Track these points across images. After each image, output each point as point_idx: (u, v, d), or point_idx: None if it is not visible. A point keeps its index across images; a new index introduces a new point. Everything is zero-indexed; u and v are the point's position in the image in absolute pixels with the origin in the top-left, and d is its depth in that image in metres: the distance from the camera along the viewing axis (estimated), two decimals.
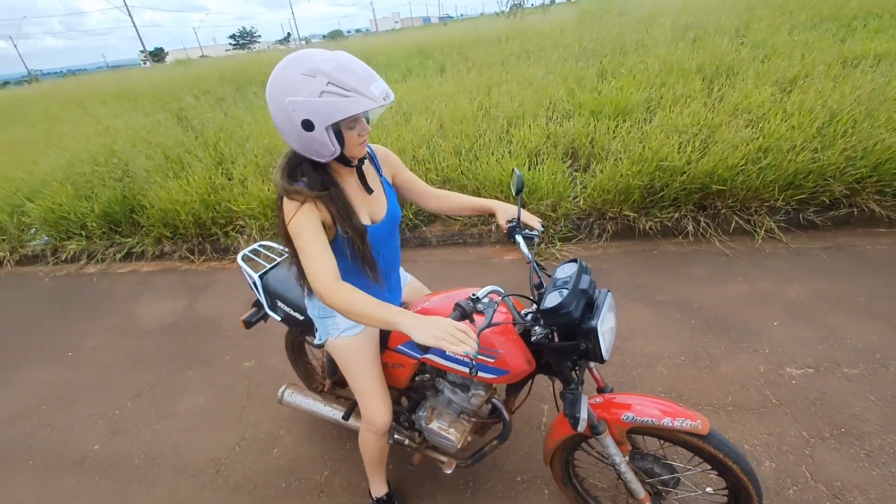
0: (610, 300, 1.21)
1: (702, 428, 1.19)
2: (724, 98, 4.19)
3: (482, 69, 6.94)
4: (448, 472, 1.62)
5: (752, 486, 1.25)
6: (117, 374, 2.80)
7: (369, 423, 1.50)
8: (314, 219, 1.19)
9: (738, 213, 3.28)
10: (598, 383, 1.38)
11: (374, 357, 1.49)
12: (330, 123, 1.09)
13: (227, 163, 4.84)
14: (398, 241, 1.51)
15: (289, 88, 1.07)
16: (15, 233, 4.75)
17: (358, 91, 1.06)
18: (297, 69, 1.07)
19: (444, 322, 1.03)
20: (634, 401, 1.28)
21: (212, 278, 3.85)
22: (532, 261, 1.34)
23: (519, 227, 1.46)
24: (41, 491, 2.08)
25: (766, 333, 2.39)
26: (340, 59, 1.08)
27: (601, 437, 1.29)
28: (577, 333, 1.15)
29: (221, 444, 2.18)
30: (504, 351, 1.27)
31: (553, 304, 1.13)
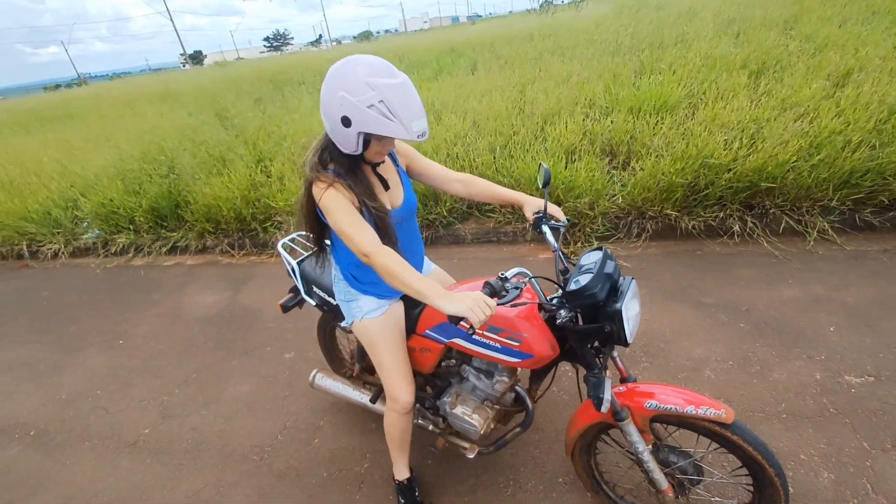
0: (634, 287, 1.23)
1: (726, 417, 1.19)
2: (771, 93, 4.00)
3: (515, 67, 6.88)
4: (470, 456, 1.66)
5: (779, 481, 1.21)
6: (165, 361, 2.92)
7: (393, 401, 1.54)
8: (345, 196, 1.26)
9: (789, 212, 3.13)
10: (621, 373, 1.39)
11: (397, 338, 1.54)
12: (364, 131, 1.17)
13: (266, 160, 4.97)
14: (416, 227, 1.59)
15: (346, 85, 1.15)
16: (69, 226, 5.03)
17: (401, 121, 1.15)
18: (363, 74, 1.15)
19: (476, 294, 1.08)
20: (658, 389, 1.28)
21: (251, 272, 3.96)
22: (557, 249, 1.40)
23: (545, 218, 1.50)
24: (99, 470, 2.20)
25: (821, 339, 2.27)
26: (401, 88, 1.16)
27: (624, 425, 1.30)
28: (602, 316, 1.18)
29: (265, 432, 2.24)
30: (529, 335, 1.29)
31: (579, 287, 1.17)
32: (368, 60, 1.17)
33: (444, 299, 1.10)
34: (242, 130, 6.12)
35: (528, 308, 1.32)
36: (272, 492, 1.94)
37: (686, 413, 1.20)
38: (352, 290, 1.53)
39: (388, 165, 1.46)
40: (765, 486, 1.24)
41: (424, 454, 1.98)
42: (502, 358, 1.34)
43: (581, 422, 1.42)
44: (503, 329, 1.31)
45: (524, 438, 1.98)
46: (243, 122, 6.51)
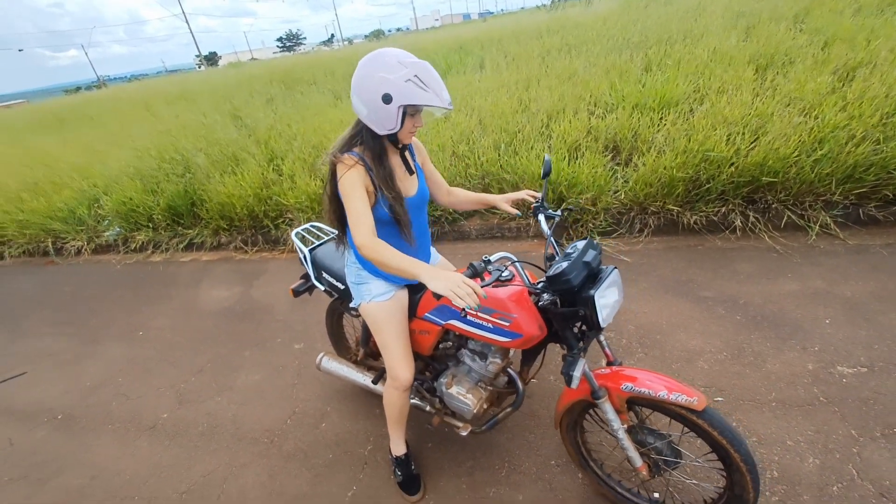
0: (615, 276, 1.32)
1: (697, 404, 1.25)
2: (776, 88, 4.00)
3: (522, 64, 6.91)
4: (464, 434, 1.76)
5: (746, 467, 1.27)
6: (182, 351, 3.07)
7: (394, 379, 1.65)
8: (360, 183, 1.40)
9: (791, 207, 3.14)
10: (607, 357, 1.47)
11: (400, 321, 1.65)
12: (405, 104, 1.31)
13: (278, 159, 5.11)
14: (426, 218, 1.70)
15: (384, 67, 1.31)
16: (92, 224, 5.24)
17: (434, 91, 1.32)
18: (394, 57, 1.31)
19: (457, 276, 1.18)
20: (638, 374, 1.35)
21: (263, 267, 4.10)
22: (549, 236, 1.50)
23: (543, 207, 1.61)
24: (120, 451, 2.34)
25: (817, 331, 2.30)
26: (426, 66, 1.33)
27: (601, 403, 1.39)
28: (577, 301, 1.28)
29: (275, 417, 2.36)
30: (518, 316, 1.38)
31: (557, 272, 1.27)
32: (393, 49, 1.34)
33: (430, 277, 1.19)
34: (255, 130, 6.27)
35: (519, 291, 1.41)
36: (281, 472, 2.05)
37: (659, 397, 1.28)
38: (363, 273, 1.64)
39: (408, 158, 1.58)
40: (733, 471, 1.31)
41: (425, 438, 2.08)
42: (494, 338, 1.43)
43: (566, 398, 1.51)
44: (495, 310, 1.39)
45: (520, 424, 2.06)
46: (255, 122, 6.67)
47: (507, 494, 1.79)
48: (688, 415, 1.28)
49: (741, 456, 1.26)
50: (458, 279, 1.16)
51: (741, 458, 1.26)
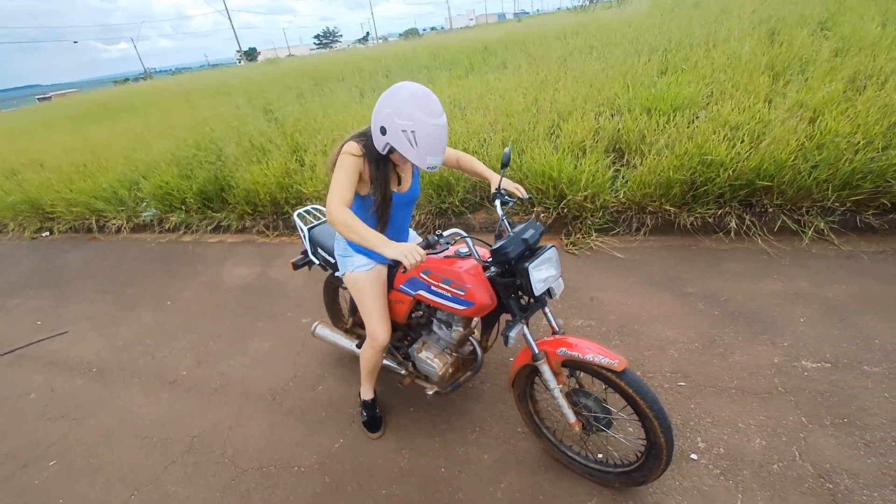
0: (551, 254, 1.52)
1: (617, 366, 1.43)
2: (786, 94, 4.01)
3: (542, 65, 7.03)
4: (430, 394, 1.98)
5: (661, 429, 1.44)
6: (203, 319, 3.39)
7: (372, 339, 1.88)
8: (353, 167, 1.57)
9: (787, 212, 3.20)
10: (552, 328, 1.66)
11: (379, 289, 1.87)
12: (391, 144, 1.50)
13: (301, 151, 5.43)
14: (410, 213, 1.91)
15: (395, 107, 1.46)
16: (131, 205, 5.70)
17: (420, 152, 1.46)
18: (411, 105, 1.44)
19: (409, 245, 1.39)
20: (574, 341, 1.53)
21: (282, 250, 4.41)
22: (503, 217, 1.72)
23: (500, 194, 1.83)
24: (145, 400, 2.65)
25: (790, 329, 2.39)
26: (433, 129, 1.44)
27: (539, 364, 1.58)
28: (515, 272, 1.48)
29: (278, 379, 2.63)
30: (472, 286, 1.58)
31: (497, 246, 1.48)
32: (423, 96, 1.46)
33: (385, 246, 1.41)
34: (283, 123, 6.63)
35: (474, 266, 1.60)
36: (280, 424, 2.31)
37: (585, 359, 1.47)
38: (349, 248, 1.87)
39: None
40: (644, 419, 1.48)
41: (407, 402, 2.30)
42: (452, 306, 1.63)
43: (517, 361, 1.71)
44: (453, 280, 1.60)
45: (494, 396, 2.25)
46: (284, 116, 7.04)
47: (473, 454, 1.98)
48: (610, 375, 1.47)
49: (647, 404, 1.43)
50: (409, 247, 1.38)
51: (647, 406, 1.43)
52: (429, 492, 1.85)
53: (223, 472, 2.09)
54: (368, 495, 1.88)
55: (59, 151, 7.88)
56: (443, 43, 13.84)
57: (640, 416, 1.50)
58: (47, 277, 4.67)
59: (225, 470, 2.10)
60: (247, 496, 1.95)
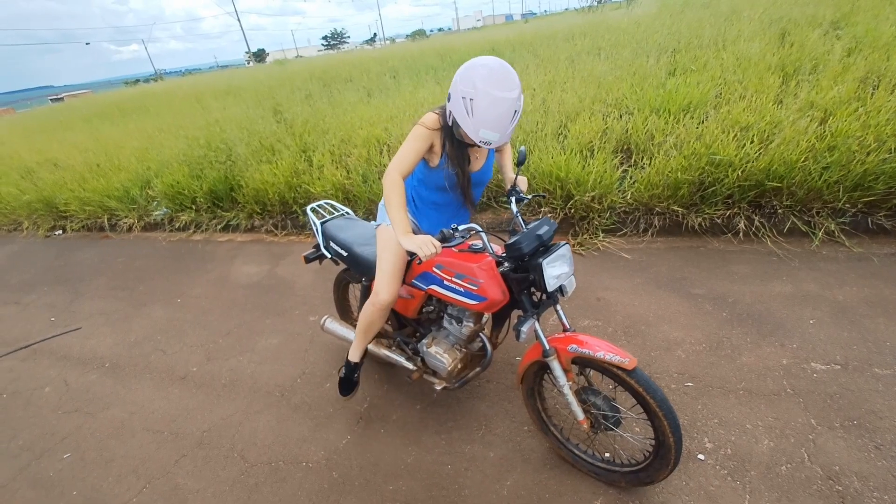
0: (565, 251, 1.53)
1: (627, 364, 1.43)
2: (797, 95, 3.98)
3: (549, 66, 7.03)
4: (438, 388, 1.98)
5: (670, 428, 1.44)
6: (213, 316, 3.43)
7: (376, 295, 1.85)
8: (424, 138, 1.59)
9: (797, 213, 3.17)
10: (563, 325, 1.66)
11: (402, 253, 1.83)
12: (451, 111, 1.51)
13: (310, 151, 5.47)
14: (479, 195, 1.90)
15: (464, 76, 1.47)
16: (143, 204, 5.78)
17: (474, 122, 1.44)
18: (480, 75, 1.42)
19: (426, 238, 1.41)
20: (585, 339, 1.53)
21: (290, 249, 4.45)
22: (517, 214, 1.73)
23: (515, 191, 1.84)
24: (156, 395, 2.70)
25: (799, 331, 2.38)
26: (496, 102, 1.41)
27: (549, 360, 1.58)
28: (529, 267, 1.49)
29: (287, 376, 2.66)
30: (484, 281, 1.59)
31: (511, 241, 1.49)
32: (497, 68, 1.43)
33: (404, 236, 1.44)
34: (292, 124, 6.69)
35: (488, 262, 1.62)
36: (288, 419, 2.34)
37: (596, 357, 1.47)
38: None
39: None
40: (653, 417, 1.48)
41: (414, 400, 2.31)
42: (464, 300, 1.65)
43: (527, 358, 1.72)
44: (466, 276, 1.62)
45: (501, 394, 2.26)
46: (293, 116, 7.10)
47: (479, 451, 2.00)
48: (620, 374, 1.47)
49: (657, 403, 1.43)
50: (426, 239, 1.41)
51: (657, 405, 1.43)
52: (435, 488, 1.87)
53: (232, 465, 2.12)
54: (375, 490, 1.90)
55: (72, 151, 8.00)
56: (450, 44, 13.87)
57: (649, 415, 1.50)
58: (61, 274, 4.75)
59: (234, 464, 2.13)
60: (255, 490, 1.98)
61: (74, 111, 16.01)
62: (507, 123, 1.46)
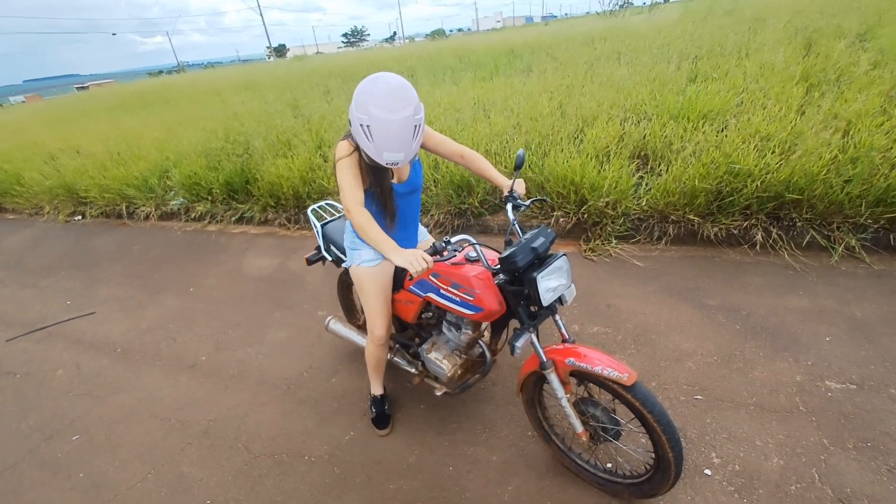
0: (561, 263, 1.49)
1: (627, 380, 1.40)
2: (820, 106, 3.89)
3: (568, 70, 6.98)
4: (438, 394, 1.98)
5: (669, 443, 1.41)
6: (224, 307, 3.47)
7: (371, 334, 1.91)
8: (351, 166, 1.60)
9: (816, 227, 3.10)
10: (562, 336, 1.63)
11: (382, 286, 1.88)
12: (355, 138, 1.52)
13: (325, 147, 5.51)
14: (418, 203, 1.90)
15: (357, 102, 1.45)
16: (160, 193, 5.87)
17: (376, 147, 1.44)
18: (370, 100, 1.41)
19: (416, 252, 1.40)
20: (584, 351, 1.50)
21: (302, 244, 4.48)
22: (514, 222, 1.68)
23: (512, 197, 1.77)
24: (164, 382, 2.74)
25: (814, 347, 2.32)
26: (391, 124, 1.40)
27: (547, 373, 1.55)
28: (524, 281, 1.45)
29: (293, 369, 2.67)
30: (480, 292, 1.58)
31: (506, 254, 1.45)
32: (384, 89, 1.41)
33: (393, 252, 1.45)
34: (309, 119, 6.74)
35: (483, 271, 1.60)
36: (293, 413, 2.35)
37: (594, 371, 1.44)
38: (357, 241, 1.89)
39: None
40: (655, 439, 1.45)
41: (417, 400, 2.31)
42: (461, 310, 1.64)
43: (524, 369, 1.70)
44: (462, 285, 1.60)
45: (506, 398, 2.25)
46: (311, 112, 7.16)
47: (482, 454, 1.98)
48: (619, 389, 1.44)
49: (655, 418, 1.40)
50: (416, 254, 1.41)
51: (655, 420, 1.40)
52: (436, 489, 1.86)
53: (237, 456, 2.14)
54: (376, 488, 1.90)
55: (95, 139, 8.17)
56: (468, 44, 13.86)
57: (648, 429, 1.47)
58: (78, 260, 4.85)
59: (238, 455, 2.15)
60: (258, 482, 2.00)
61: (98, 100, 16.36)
62: (410, 141, 1.46)
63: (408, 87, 1.45)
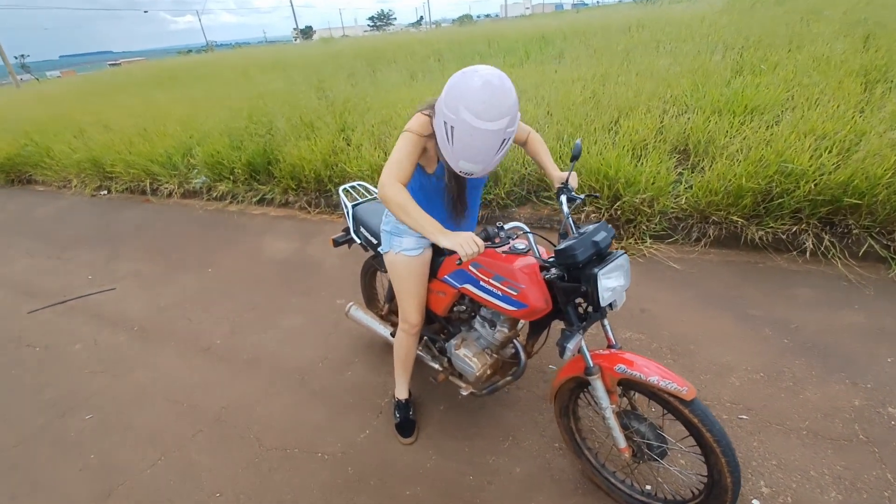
0: (622, 261, 1.34)
1: (686, 394, 1.25)
2: (885, 105, 3.57)
3: (603, 58, 6.66)
4: (464, 394, 1.85)
5: (728, 467, 1.27)
6: (241, 289, 3.41)
7: (404, 322, 1.79)
8: (417, 143, 1.42)
9: (875, 235, 2.84)
10: (608, 340, 1.49)
11: (420, 277, 1.75)
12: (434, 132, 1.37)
13: (349, 130, 5.38)
14: (479, 195, 1.76)
15: (447, 97, 1.27)
16: (183, 171, 5.86)
17: (455, 152, 1.30)
18: (463, 102, 1.23)
19: (467, 235, 1.26)
20: (633, 358, 1.36)
21: (321, 228, 4.40)
22: (567, 215, 1.52)
23: (566, 189, 1.62)
24: (179, 363, 2.69)
25: (873, 369, 2.11)
26: (479, 133, 1.23)
27: (592, 379, 1.42)
28: (581, 277, 1.31)
29: (308, 358, 2.59)
30: (526, 287, 1.43)
31: (564, 246, 1.30)
32: (488, 92, 1.21)
33: (440, 234, 1.29)
34: (333, 101, 6.62)
35: (530, 264, 1.46)
36: (306, 404, 2.27)
37: (649, 382, 1.30)
38: (400, 226, 1.71)
39: None
40: (712, 462, 1.31)
41: (437, 400, 2.19)
42: (502, 305, 1.49)
43: (563, 373, 1.56)
44: (505, 278, 1.46)
45: (530, 405, 2.11)
46: (336, 94, 7.03)
47: (504, 465, 1.86)
48: (676, 404, 1.29)
49: (715, 437, 1.26)
50: (468, 237, 1.26)
51: (715, 440, 1.26)
52: (453, 499, 1.74)
53: (247, 447, 2.06)
54: (391, 493, 1.79)
55: (123, 114, 8.23)
56: (498, 30, 13.47)
57: (704, 450, 1.33)
58: (102, 234, 4.87)
59: (249, 446, 2.07)
60: (268, 476, 1.92)
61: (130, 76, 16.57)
62: (493, 154, 1.29)
63: (509, 92, 1.25)
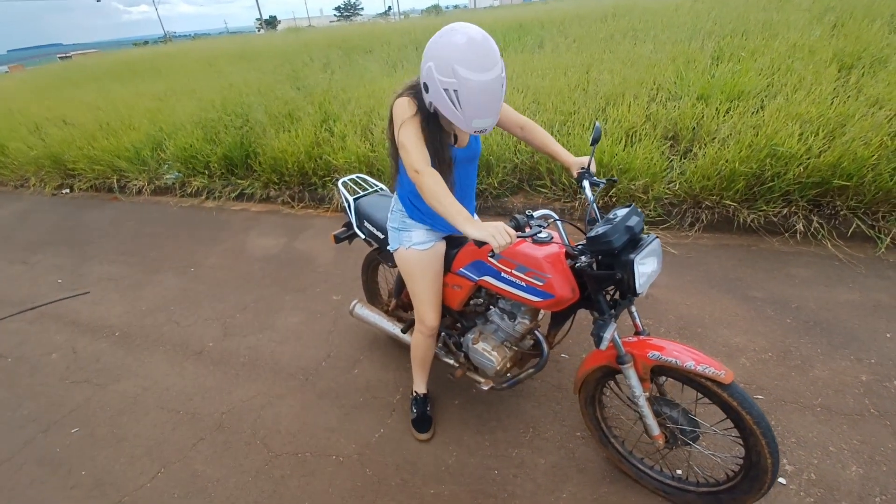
0: (655, 246, 1.31)
1: (724, 377, 1.24)
2: (861, 89, 3.70)
3: (583, 47, 6.68)
4: (485, 388, 1.81)
5: (768, 448, 1.26)
6: (229, 289, 3.24)
7: (421, 323, 1.72)
8: (416, 125, 1.36)
9: (862, 216, 2.94)
10: (636, 328, 1.47)
11: (434, 271, 1.68)
12: (434, 104, 1.28)
13: (330, 121, 5.20)
14: (474, 174, 1.66)
15: (438, 60, 1.21)
16: (153, 166, 5.55)
17: (465, 113, 1.23)
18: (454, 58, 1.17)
19: (497, 224, 1.19)
20: (666, 344, 1.34)
21: (308, 223, 4.24)
22: (592, 201, 1.48)
23: (588, 174, 1.57)
24: (169, 370, 2.52)
25: (875, 344, 2.17)
26: (482, 87, 1.19)
27: (625, 369, 1.39)
28: (616, 264, 1.26)
29: (310, 358, 2.47)
30: (553, 276, 1.38)
31: (598, 233, 1.25)
32: (469, 44, 1.18)
33: (470, 225, 1.22)
34: (311, 92, 6.39)
35: (556, 253, 1.41)
36: (313, 406, 2.16)
37: (685, 367, 1.27)
38: (407, 221, 1.65)
39: None
40: (752, 443, 1.30)
41: (452, 395, 2.13)
42: (526, 297, 1.44)
43: (589, 362, 1.52)
44: (530, 269, 1.40)
45: (547, 394, 2.08)
46: (312, 84, 6.79)
47: (528, 457, 1.82)
48: (714, 388, 1.28)
49: (754, 419, 1.25)
50: (499, 226, 1.19)
51: (754, 422, 1.25)
52: (481, 495, 1.69)
53: (255, 454, 1.95)
54: (414, 493, 1.73)
55: (82, 109, 7.72)
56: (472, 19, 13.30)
57: (742, 433, 1.32)
58: (69, 235, 4.55)
59: (257, 452, 1.96)
60: (282, 483, 1.81)
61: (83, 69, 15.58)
62: (499, 103, 1.27)
63: (488, 37, 1.22)
